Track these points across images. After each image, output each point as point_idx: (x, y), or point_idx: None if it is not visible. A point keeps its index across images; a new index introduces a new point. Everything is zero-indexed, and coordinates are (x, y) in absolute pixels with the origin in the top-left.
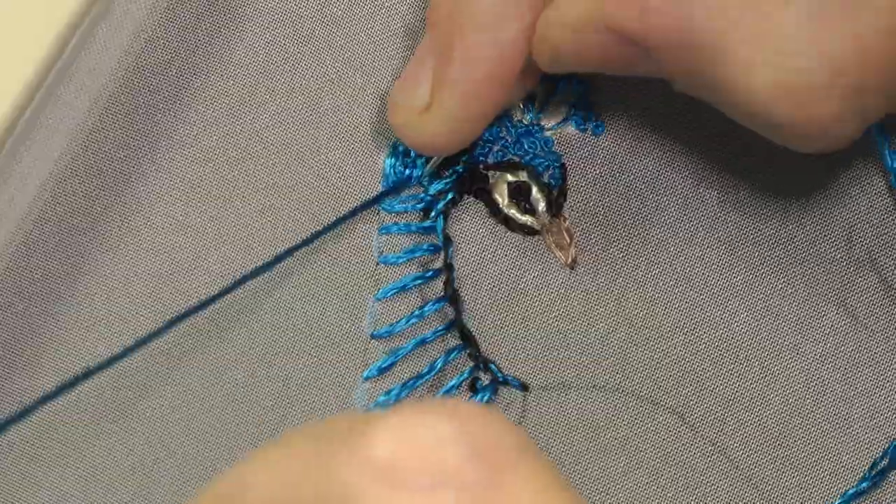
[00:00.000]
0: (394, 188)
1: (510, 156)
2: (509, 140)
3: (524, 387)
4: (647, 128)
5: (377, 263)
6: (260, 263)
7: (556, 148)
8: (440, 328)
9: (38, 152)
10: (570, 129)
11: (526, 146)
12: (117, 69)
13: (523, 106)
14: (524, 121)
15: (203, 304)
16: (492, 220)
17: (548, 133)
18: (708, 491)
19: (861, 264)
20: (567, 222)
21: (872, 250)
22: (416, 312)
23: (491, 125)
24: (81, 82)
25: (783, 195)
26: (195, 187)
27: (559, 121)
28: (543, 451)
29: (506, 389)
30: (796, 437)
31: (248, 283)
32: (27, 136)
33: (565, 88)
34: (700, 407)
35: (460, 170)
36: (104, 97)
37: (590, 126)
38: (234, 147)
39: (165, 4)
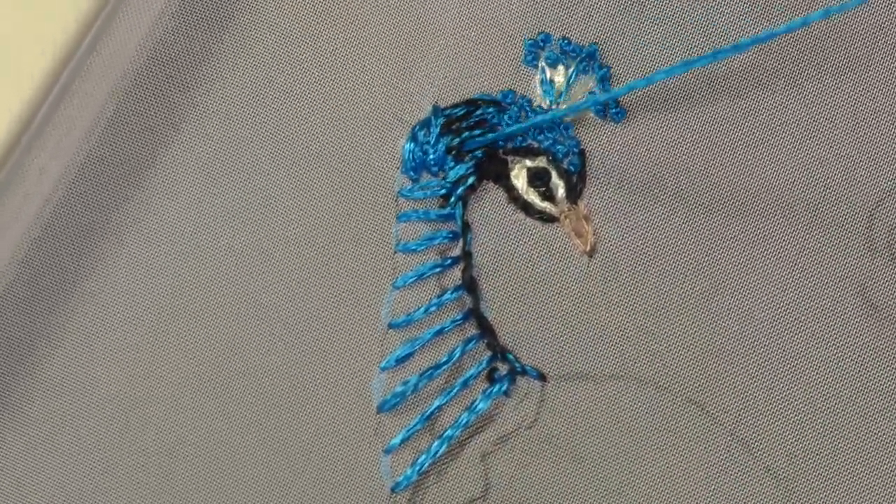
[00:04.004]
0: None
1: (530, 141)
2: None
3: (542, 376)
4: (668, 114)
5: (395, 251)
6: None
7: (575, 134)
8: (458, 317)
9: (53, 148)
10: (590, 115)
11: (546, 132)
12: (132, 65)
13: (543, 91)
14: (543, 106)
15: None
16: (510, 207)
17: (567, 119)
18: (727, 480)
19: (880, 254)
20: (586, 209)
21: (892, 240)
22: (434, 301)
23: (510, 111)
24: (97, 78)
25: (803, 182)
26: (212, 180)
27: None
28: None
29: (524, 379)
30: (815, 427)
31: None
32: (42, 132)
33: (586, 73)
34: (719, 397)
35: (480, 155)
36: (120, 91)
37: (610, 112)
38: (250, 140)
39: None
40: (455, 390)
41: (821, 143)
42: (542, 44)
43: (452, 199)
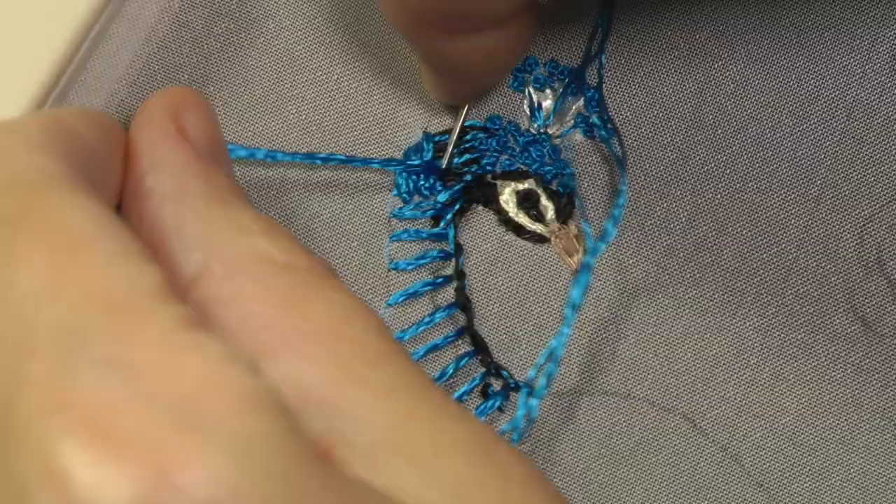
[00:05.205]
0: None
1: (517, 165)
2: (516, 149)
3: (517, 387)
4: (657, 134)
5: (388, 270)
6: None
7: (563, 156)
8: (451, 334)
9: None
10: (578, 136)
11: (534, 155)
12: (128, 73)
13: (531, 114)
14: (531, 129)
15: None
16: (501, 229)
17: (556, 141)
18: (719, 497)
19: (870, 267)
20: (576, 229)
21: (882, 253)
22: (427, 319)
23: (498, 135)
24: (92, 87)
25: (795, 194)
26: None
27: (567, 128)
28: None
29: (517, 395)
30: (807, 442)
31: None
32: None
33: (573, 96)
34: (711, 412)
35: (468, 178)
36: (115, 102)
37: (598, 133)
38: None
39: (178, 7)
40: None
41: (811, 157)
42: (529, 68)
43: (443, 221)
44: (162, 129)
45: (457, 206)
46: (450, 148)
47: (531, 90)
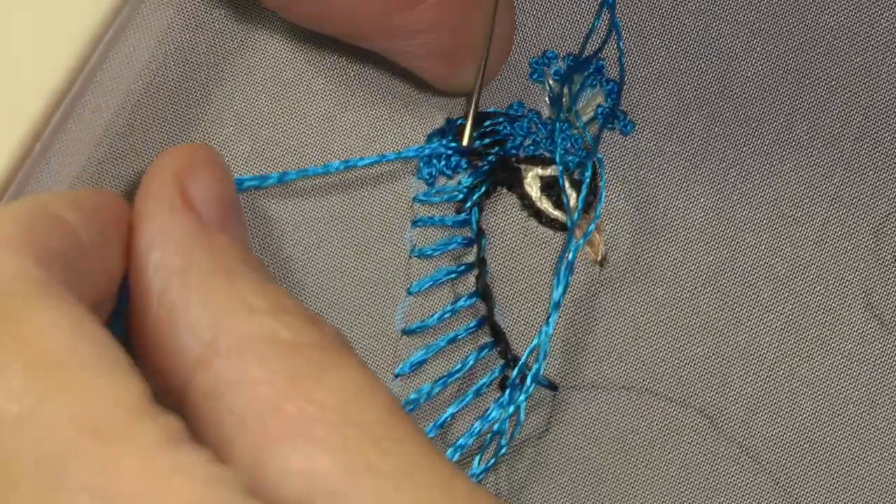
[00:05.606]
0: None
1: (541, 151)
2: (540, 136)
3: (553, 386)
4: (676, 127)
5: (410, 256)
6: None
7: (584, 146)
8: (472, 325)
9: (62, 160)
10: (597, 127)
11: (556, 142)
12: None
13: (551, 104)
14: (553, 118)
15: None
16: (522, 215)
17: (576, 131)
18: (735, 493)
19: (887, 266)
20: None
21: None
22: (448, 308)
23: (521, 121)
24: (106, 90)
25: (811, 192)
26: None
27: (588, 119)
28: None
29: (535, 388)
30: (824, 439)
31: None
32: (53, 143)
33: (594, 87)
34: (728, 408)
35: (492, 160)
36: (129, 104)
37: (618, 125)
38: (259, 155)
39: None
40: (468, 398)
41: (828, 156)
42: (547, 61)
43: (469, 203)
44: (165, 199)
45: (483, 189)
46: (469, 123)
47: (551, 82)
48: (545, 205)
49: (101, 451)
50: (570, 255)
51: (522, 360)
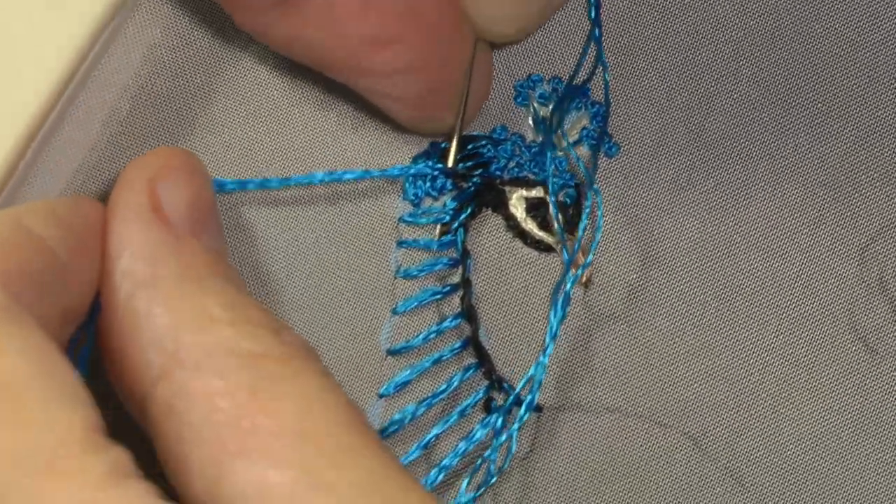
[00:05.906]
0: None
1: (526, 173)
2: (524, 158)
3: (538, 407)
4: (661, 150)
5: (395, 277)
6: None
7: (569, 169)
8: (456, 345)
9: (56, 162)
10: (584, 149)
11: (540, 166)
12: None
13: (535, 128)
14: (537, 141)
15: None
16: (507, 236)
17: (560, 154)
18: None
19: (872, 288)
20: (582, 241)
21: (884, 274)
22: (434, 329)
23: (505, 144)
24: (97, 94)
25: (796, 214)
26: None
27: (573, 141)
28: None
29: (518, 410)
30: (808, 462)
31: (263, 300)
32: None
33: (579, 110)
34: (713, 431)
35: (477, 182)
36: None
37: (603, 147)
38: (256, 153)
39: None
40: (453, 419)
41: (813, 178)
42: (533, 84)
43: (455, 224)
44: (134, 206)
45: (469, 210)
46: (454, 145)
47: (535, 105)
48: (530, 226)
49: (42, 487)
50: (568, 286)
51: (517, 390)
